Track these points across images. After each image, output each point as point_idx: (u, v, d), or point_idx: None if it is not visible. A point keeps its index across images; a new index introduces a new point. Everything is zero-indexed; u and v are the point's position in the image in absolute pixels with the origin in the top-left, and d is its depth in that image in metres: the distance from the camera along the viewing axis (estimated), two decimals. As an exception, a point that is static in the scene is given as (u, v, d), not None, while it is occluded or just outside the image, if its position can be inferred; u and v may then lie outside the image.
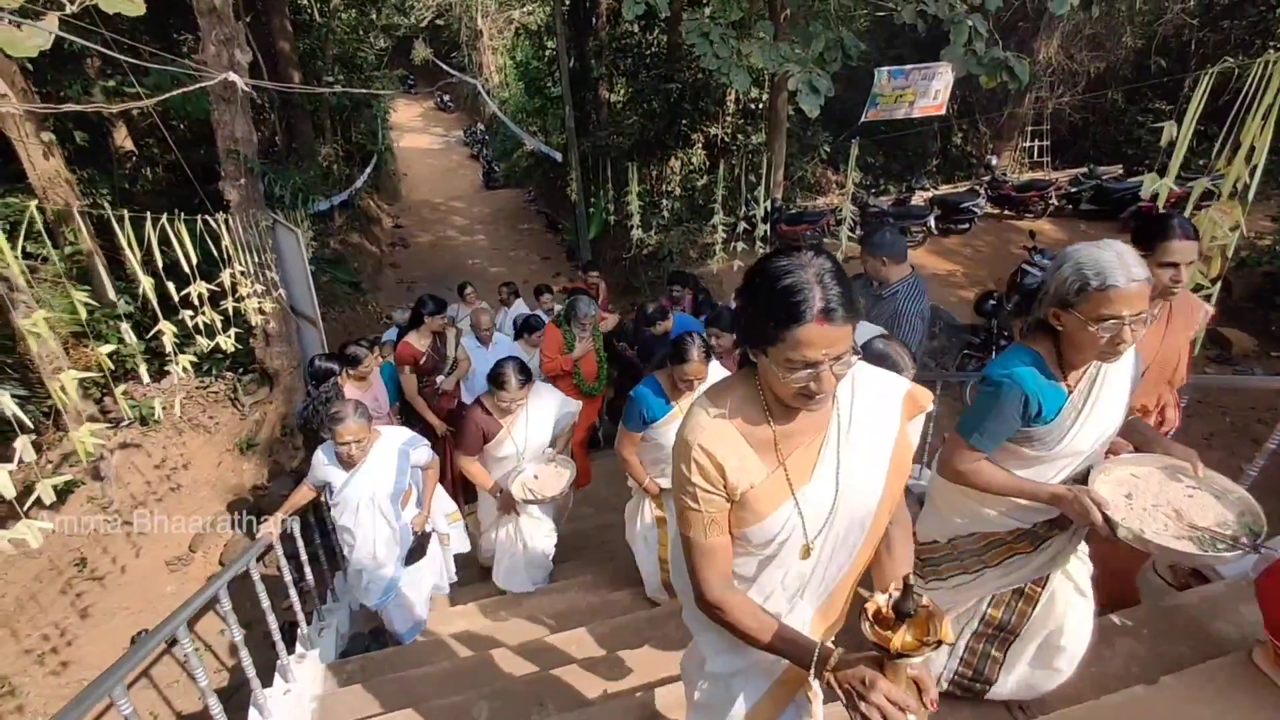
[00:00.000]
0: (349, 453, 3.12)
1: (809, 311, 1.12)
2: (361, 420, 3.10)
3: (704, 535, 1.34)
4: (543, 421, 3.68)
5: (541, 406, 3.68)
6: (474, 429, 3.53)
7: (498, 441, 3.56)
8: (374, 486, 3.29)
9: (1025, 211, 11.75)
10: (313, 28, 13.74)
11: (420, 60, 27.25)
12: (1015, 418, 1.79)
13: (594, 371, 5.47)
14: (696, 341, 2.85)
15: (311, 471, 3.38)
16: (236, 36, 5.63)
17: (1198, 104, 2.53)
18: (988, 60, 7.21)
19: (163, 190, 9.68)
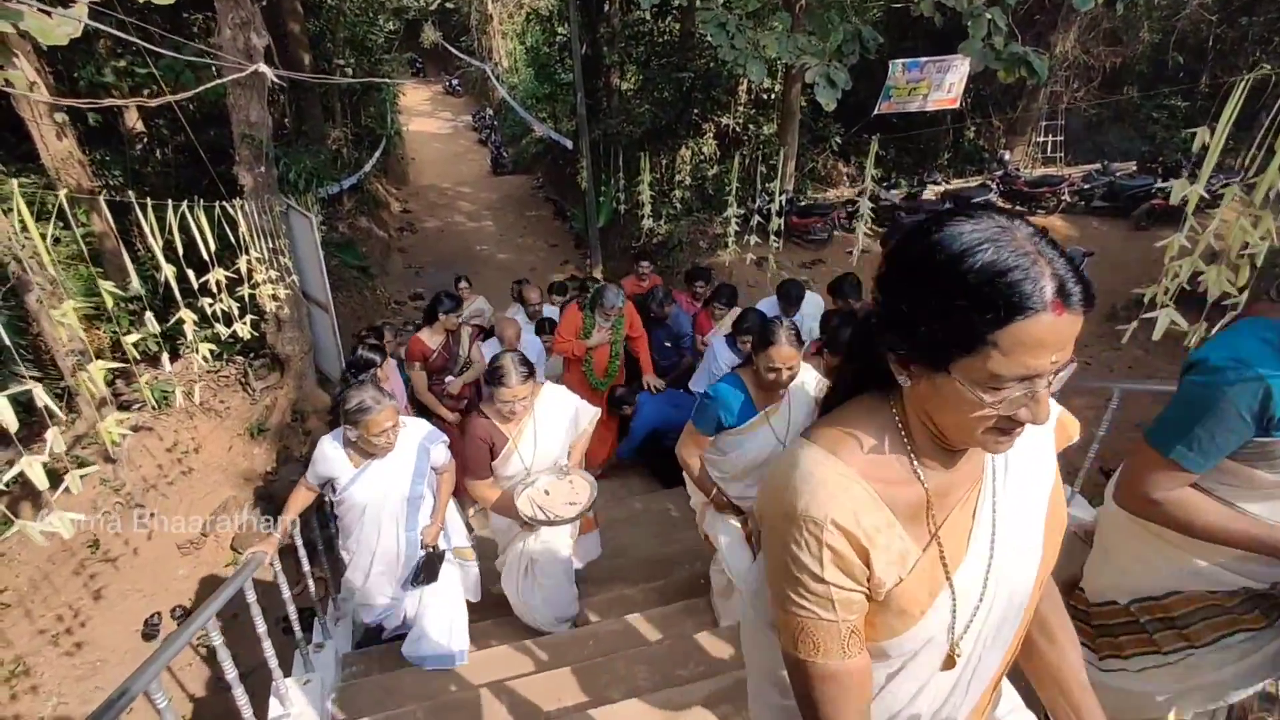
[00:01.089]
0: (386, 441, 2.78)
1: (1040, 295, 0.77)
2: (391, 404, 2.76)
3: (842, 656, 0.91)
4: (554, 429, 3.16)
5: (552, 411, 3.17)
6: (479, 444, 3.01)
7: (503, 457, 3.03)
8: (387, 486, 2.93)
9: (1037, 207, 11.68)
10: (323, 9, 13.68)
11: (429, 43, 27.14)
12: (1247, 422, 1.23)
13: (605, 365, 5.22)
14: (785, 324, 2.47)
15: (312, 466, 2.98)
16: (253, 20, 5.60)
17: (1233, 109, 2.51)
18: (1006, 55, 7.15)
19: (173, 171, 9.68)
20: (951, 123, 13.55)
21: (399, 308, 12.69)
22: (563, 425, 3.20)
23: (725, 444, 2.70)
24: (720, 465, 2.82)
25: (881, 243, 9.84)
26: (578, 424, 3.31)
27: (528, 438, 3.08)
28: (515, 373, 2.85)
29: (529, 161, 19.75)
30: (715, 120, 13.09)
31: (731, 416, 2.62)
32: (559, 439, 3.19)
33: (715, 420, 2.64)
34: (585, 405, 3.33)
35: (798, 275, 10.45)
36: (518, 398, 2.87)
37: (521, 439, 3.07)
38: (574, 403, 3.29)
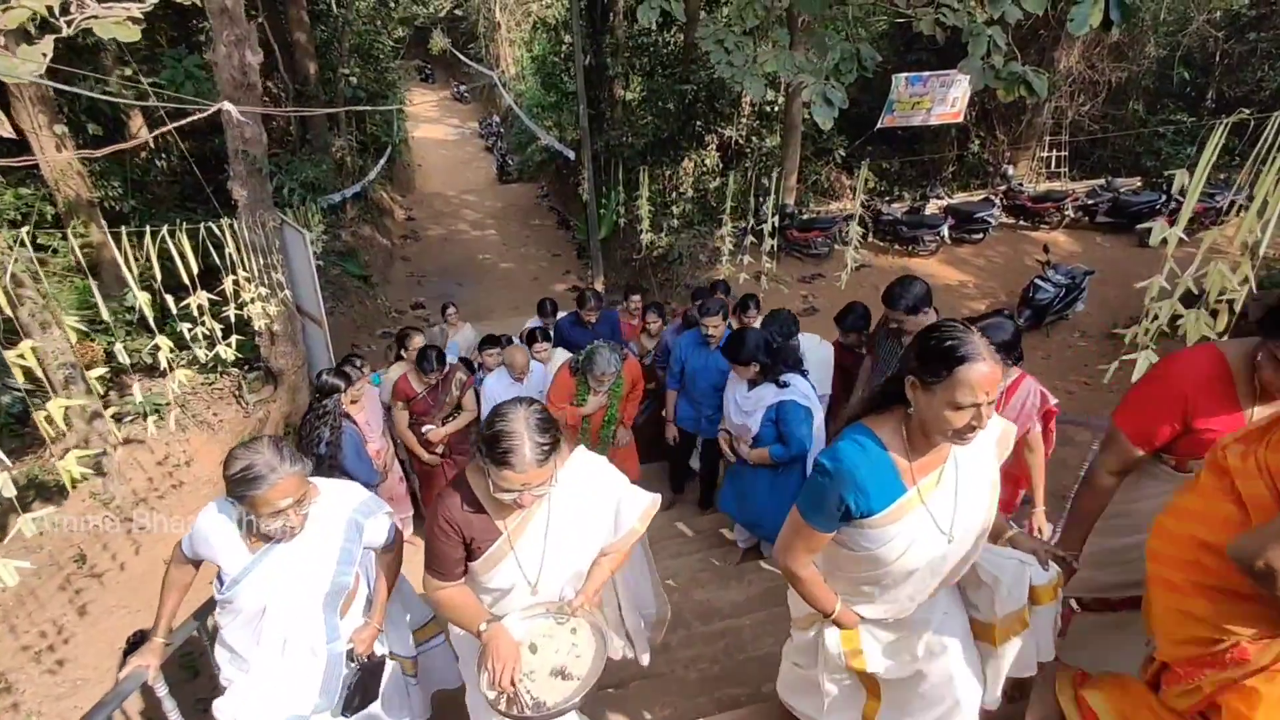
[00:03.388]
0: (285, 525, 1.92)
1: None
2: (297, 470, 1.88)
3: None
4: (580, 527, 2.01)
5: (581, 497, 2.00)
6: (449, 533, 1.90)
7: (489, 559, 1.94)
8: (297, 581, 2.04)
9: (1041, 222, 11.62)
10: (330, 18, 13.75)
11: (438, 50, 27.30)
12: None
13: (598, 430, 4.47)
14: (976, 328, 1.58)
15: (189, 540, 2.09)
16: (249, 37, 5.61)
17: (1213, 151, 2.46)
18: (1006, 74, 7.11)
19: (177, 180, 9.73)
20: (956, 136, 13.50)
21: (399, 317, 12.70)
22: (595, 521, 2.03)
23: (857, 539, 1.77)
24: (848, 569, 1.91)
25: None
26: (618, 521, 2.06)
27: (534, 536, 1.95)
28: (530, 446, 1.70)
29: (534, 170, 19.80)
30: (718, 132, 13.08)
31: (866, 499, 1.66)
32: (586, 544, 2.03)
33: (839, 507, 1.69)
34: (636, 493, 2.10)
35: (796, 289, 10.43)
36: (531, 486, 1.73)
37: (524, 536, 1.93)
38: (618, 486, 2.08)
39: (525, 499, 1.77)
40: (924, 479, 1.70)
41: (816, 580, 1.91)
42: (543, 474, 1.73)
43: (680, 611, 3.35)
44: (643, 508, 2.08)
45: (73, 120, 7.80)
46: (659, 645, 2.96)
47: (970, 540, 1.79)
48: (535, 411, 1.74)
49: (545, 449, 1.71)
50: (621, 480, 2.09)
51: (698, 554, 3.96)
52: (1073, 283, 8.85)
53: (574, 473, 1.98)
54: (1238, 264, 2.46)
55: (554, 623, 1.99)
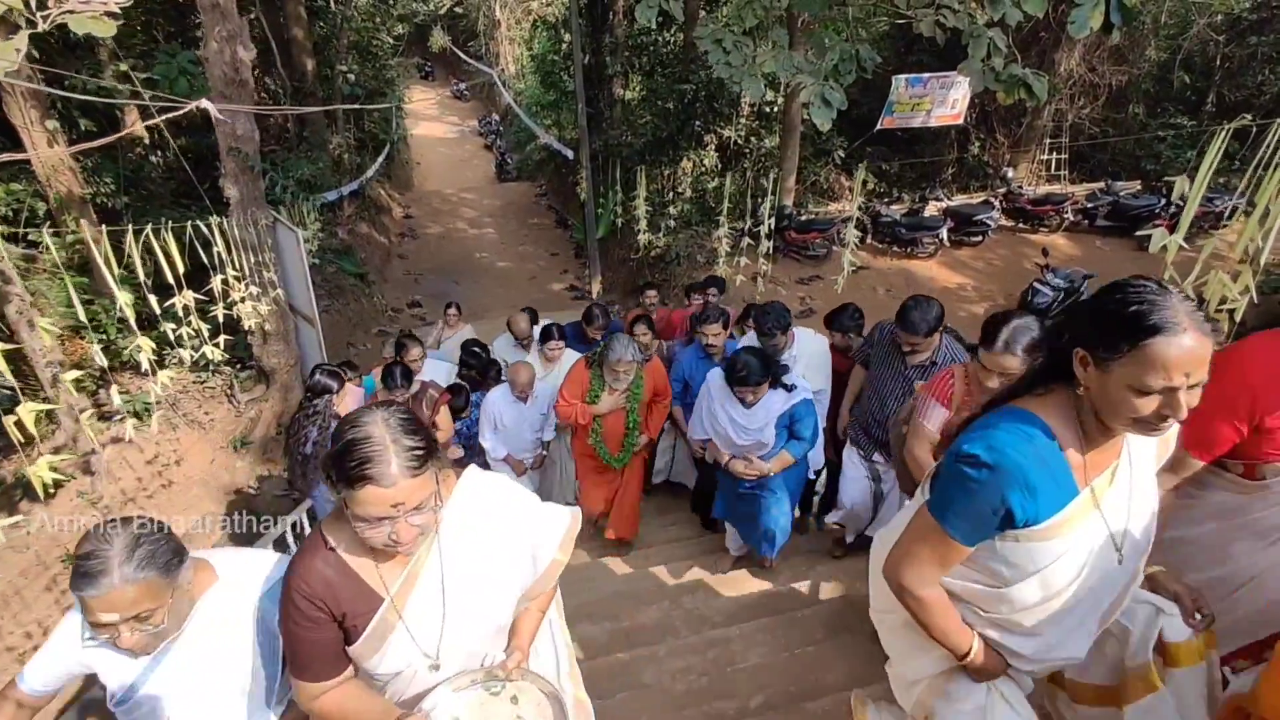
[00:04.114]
0: (131, 639, 1.46)
1: None
2: (142, 580, 1.41)
3: None
4: (483, 573, 1.53)
5: (477, 534, 1.53)
6: (312, 615, 1.41)
7: (372, 635, 1.45)
8: (206, 685, 1.63)
9: (1040, 225, 11.59)
10: (328, 14, 13.67)
11: (438, 48, 27.23)
12: None
13: (619, 436, 4.01)
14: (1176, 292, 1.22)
15: (39, 668, 1.64)
16: (240, 33, 5.56)
17: (1213, 159, 2.42)
18: (1006, 76, 7.06)
19: (172, 177, 9.66)
20: (956, 138, 13.45)
21: (396, 315, 12.65)
22: (506, 562, 1.56)
23: (1006, 556, 1.40)
24: (983, 601, 1.51)
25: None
26: (536, 555, 1.63)
27: (427, 596, 1.48)
28: (396, 450, 1.28)
29: (533, 169, 19.74)
30: (717, 132, 13.02)
31: (1033, 502, 1.32)
32: (499, 596, 1.57)
33: (997, 511, 1.33)
34: (550, 514, 1.69)
35: (794, 291, 10.38)
36: (406, 508, 1.30)
37: (414, 599, 1.47)
38: (528, 509, 1.64)
39: (403, 532, 1.29)
40: (1098, 477, 1.37)
41: (946, 607, 1.47)
42: (419, 489, 1.29)
43: (670, 620, 3.30)
44: (562, 531, 1.66)
45: (65, 115, 7.72)
46: (647, 655, 2.92)
47: (1137, 561, 1.45)
48: (397, 413, 1.34)
49: (417, 454, 1.29)
50: (530, 500, 1.65)
51: (688, 560, 3.90)
52: (1071, 286, 8.80)
53: (467, 501, 1.51)
54: (1238, 272, 2.41)
55: (486, 693, 1.53)
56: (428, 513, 1.33)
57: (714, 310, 4.29)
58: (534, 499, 1.67)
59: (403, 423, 1.33)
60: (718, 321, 4.15)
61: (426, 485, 1.32)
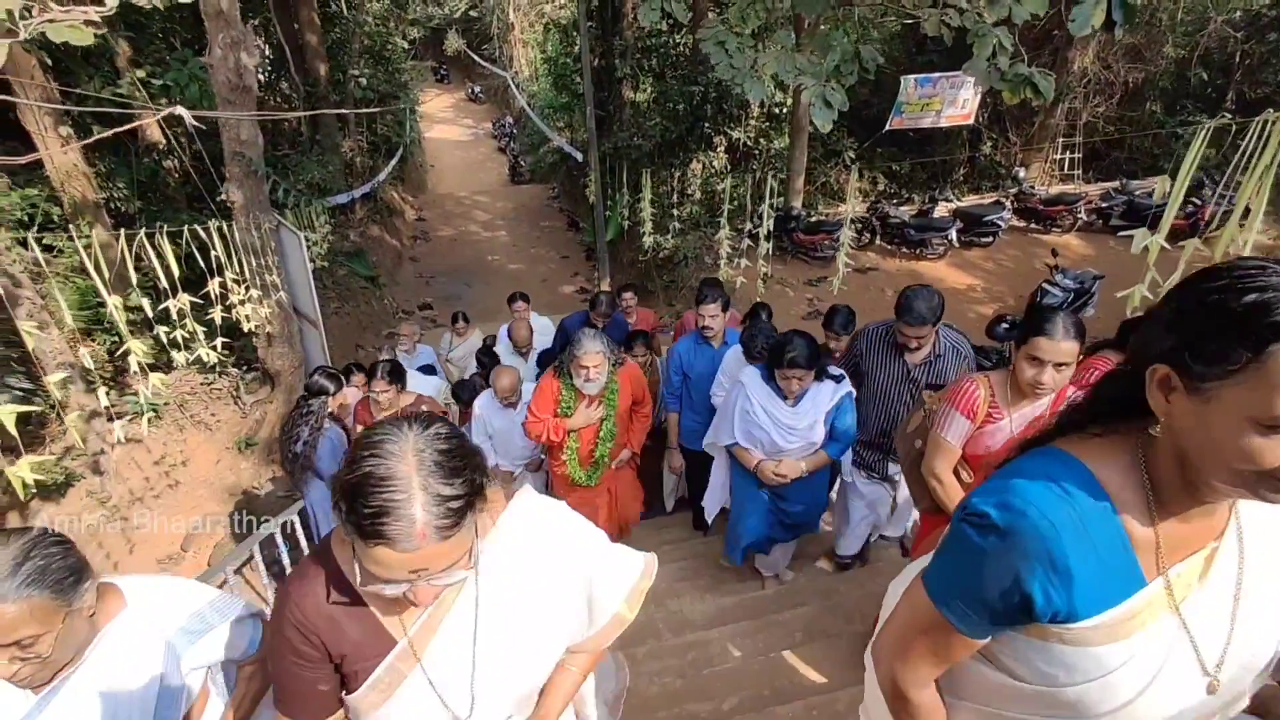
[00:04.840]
0: (23, 674, 1.27)
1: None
2: (25, 600, 1.21)
3: None
4: (530, 621, 1.27)
5: (527, 569, 1.27)
6: (303, 650, 1.19)
7: (380, 684, 1.20)
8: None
9: (1053, 226, 11.44)
10: (341, 20, 13.82)
11: (453, 51, 27.43)
12: None
13: (590, 449, 3.61)
14: None
15: None
16: (244, 40, 5.63)
17: (1193, 159, 2.38)
18: (1011, 75, 7.00)
19: (187, 181, 9.80)
20: (967, 138, 13.34)
21: (406, 317, 12.75)
22: (555, 609, 1.30)
23: (1037, 660, 1.00)
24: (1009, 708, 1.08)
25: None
26: (593, 606, 1.37)
27: (454, 641, 1.22)
28: (425, 503, 0.98)
29: (546, 171, 19.82)
30: (726, 134, 13.00)
31: (1067, 589, 0.91)
32: (542, 647, 1.31)
33: (1012, 596, 0.95)
34: (619, 558, 1.43)
35: (802, 293, 10.34)
36: (429, 574, 1.04)
37: (437, 644, 1.22)
38: (590, 548, 1.37)
39: (422, 594, 1.05)
40: (1180, 564, 0.92)
41: (938, 715, 1.13)
42: (451, 551, 1.01)
43: (653, 622, 3.30)
44: (630, 582, 1.37)
45: (79, 122, 7.87)
46: (626, 657, 2.92)
47: (1245, 684, 0.99)
48: (437, 440, 1.03)
49: (453, 507, 0.99)
50: (595, 539, 1.37)
51: (676, 563, 3.90)
52: (1082, 287, 8.69)
53: (516, 532, 1.26)
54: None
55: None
56: (457, 573, 1.06)
57: (712, 290, 4.01)
58: (601, 536, 1.39)
59: (442, 457, 1.01)
60: (716, 302, 3.92)
61: (461, 545, 1.03)
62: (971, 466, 2.35)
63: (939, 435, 2.33)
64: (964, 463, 2.37)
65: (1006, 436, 2.26)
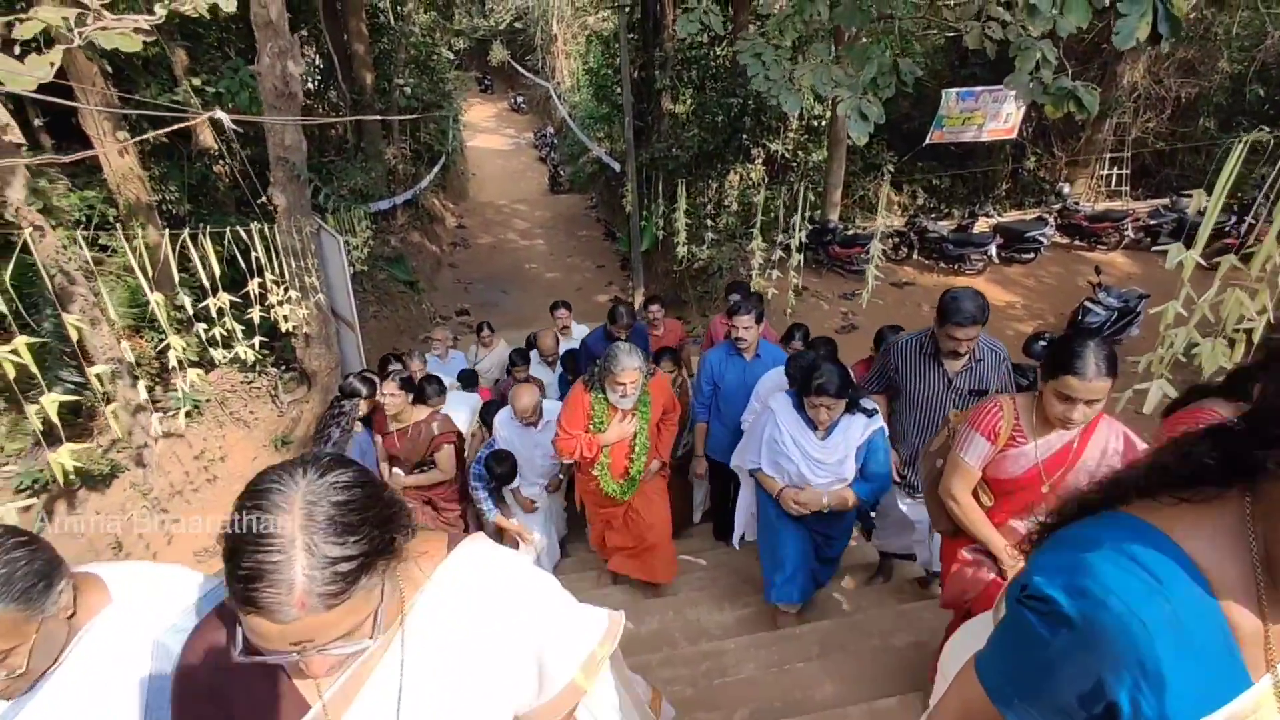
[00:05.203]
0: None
1: None
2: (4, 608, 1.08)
3: None
4: (465, 690, 1.07)
5: (463, 631, 1.08)
6: (190, 709, 1.06)
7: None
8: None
9: (1098, 243, 11.18)
10: (389, 31, 14.16)
11: (497, 62, 27.87)
12: None
13: (624, 465, 3.50)
14: None
15: None
16: (291, 49, 5.81)
17: (1230, 172, 2.33)
18: (1054, 89, 6.89)
19: (237, 186, 10.12)
20: (1011, 153, 13.13)
21: (444, 322, 12.94)
22: (494, 677, 1.11)
23: None
24: None
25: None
26: (544, 672, 1.17)
27: (374, 704, 1.04)
28: (305, 566, 0.83)
29: (585, 181, 20.00)
30: (765, 146, 12.99)
31: (1158, 693, 0.76)
32: (476, 717, 1.10)
33: (1086, 699, 0.80)
34: (574, 618, 1.25)
35: (836, 306, 10.25)
36: (314, 646, 0.88)
37: (355, 707, 1.04)
38: (540, 607, 1.18)
39: (314, 666, 0.91)
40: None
41: None
42: (340, 621, 0.87)
43: (669, 630, 3.30)
44: (588, 648, 1.21)
45: (135, 127, 8.17)
46: (640, 664, 2.92)
47: None
48: (333, 486, 0.88)
49: (340, 573, 0.84)
50: (550, 594, 1.20)
51: (696, 573, 3.89)
52: (1126, 306, 8.47)
53: (459, 582, 1.10)
54: (1256, 291, 2.31)
55: None
56: (352, 644, 0.91)
57: (746, 302, 3.89)
58: (561, 595, 1.22)
59: (336, 510, 0.86)
60: (750, 313, 3.79)
61: (355, 613, 0.88)
62: (992, 491, 2.30)
63: (957, 455, 2.27)
64: (984, 486, 2.30)
65: (1031, 463, 2.17)
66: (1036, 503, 2.17)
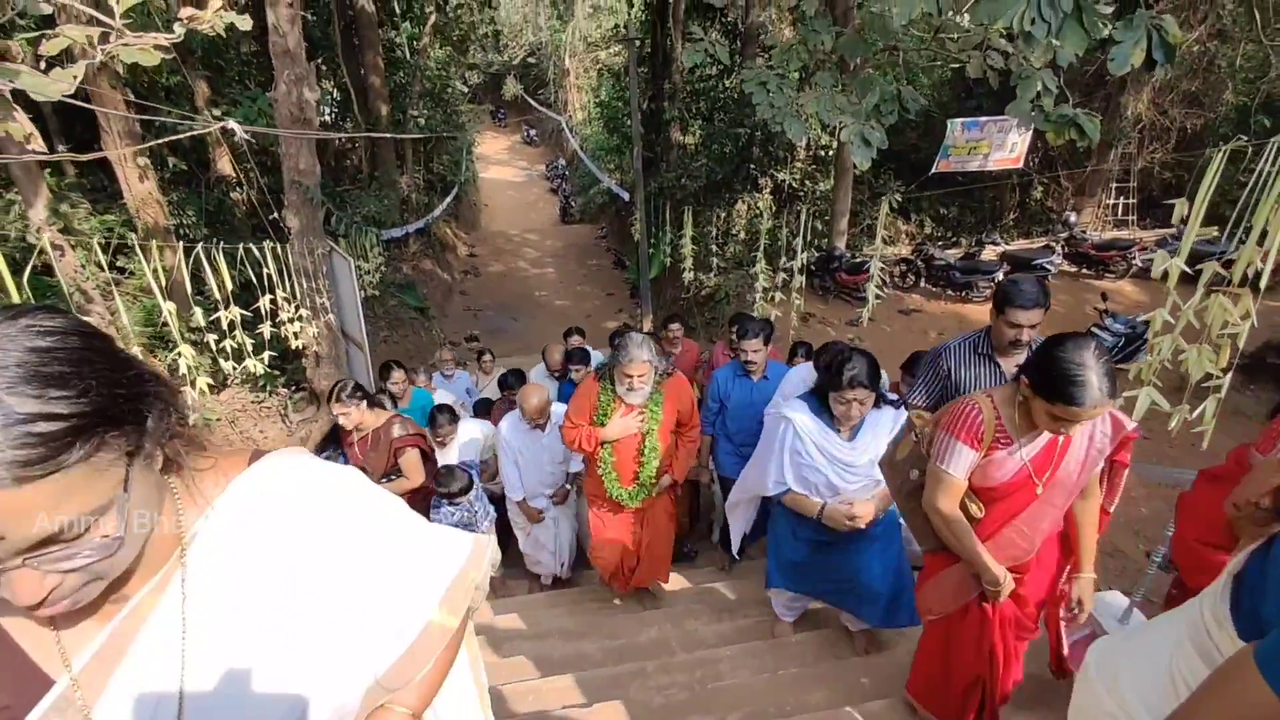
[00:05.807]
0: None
1: None
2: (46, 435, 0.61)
3: None
4: (270, 643, 0.79)
5: (271, 563, 0.81)
6: None
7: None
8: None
9: (1105, 271, 11.20)
10: (405, 64, 14.54)
11: (510, 95, 28.42)
12: None
13: (633, 467, 3.32)
14: None
15: None
16: (307, 77, 5.99)
17: (1211, 180, 2.38)
18: (1055, 116, 6.99)
19: (254, 212, 10.35)
20: (1018, 183, 13.22)
21: (454, 347, 13.05)
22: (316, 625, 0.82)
23: None
24: None
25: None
26: (396, 619, 0.90)
27: (145, 672, 0.75)
28: None
29: (595, 212, 20.24)
30: (772, 176, 13.15)
31: None
32: (299, 683, 0.81)
33: None
34: (427, 544, 0.97)
35: (843, 332, 10.29)
36: None
37: (119, 676, 0.75)
38: (376, 530, 0.90)
39: (21, 585, 0.66)
40: None
41: None
42: (37, 504, 0.62)
43: (667, 639, 3.30)
44: (446, 575, 0.95)
45: (155, 154, 8.40)
46: (636, 670, 2.93)
47: None
48: (28, 329, 0.64)
49: (39, 433, 0.61)
50: (382, 508, 0.93)
51: (697, 585, 3.89)
52: (1133, 332, 8.46)
53: (259, 503, 0.83)
54: (1239, 297, 2.35)
55: None
56: (93, 541, 0.66)
57: (753, 325, 3.81)
58: (403, 510, 0.95)
59: (32, 356, 0.62)
60: (758, 337, 3.70)
61: (71, 497, 0.64)
62: (980, 499, 2.05)
63: (939, 468, 2.00)
64: (972, 495, 2.06)
65: (1018, 466, 1.95)
66: (1030, 505, 1.99)
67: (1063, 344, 1.79)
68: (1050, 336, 1.83)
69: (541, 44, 26.56)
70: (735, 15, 13.35)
